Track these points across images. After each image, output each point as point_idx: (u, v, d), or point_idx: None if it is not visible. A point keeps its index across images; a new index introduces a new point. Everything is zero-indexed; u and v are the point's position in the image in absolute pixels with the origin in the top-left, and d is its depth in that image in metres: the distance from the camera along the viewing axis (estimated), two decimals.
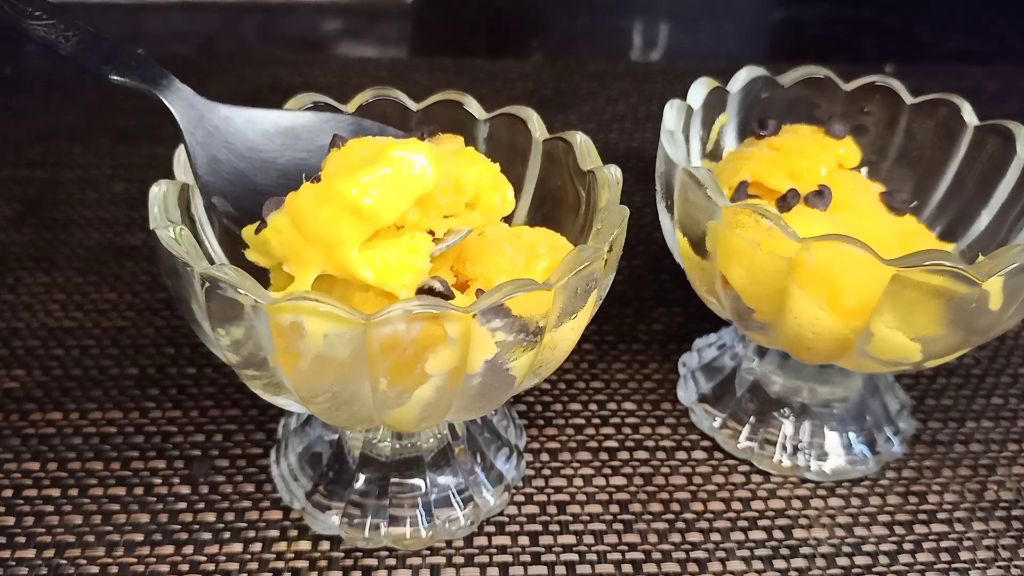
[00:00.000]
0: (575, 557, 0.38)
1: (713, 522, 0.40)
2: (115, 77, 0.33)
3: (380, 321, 0.27)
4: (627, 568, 0.38)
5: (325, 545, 0.38)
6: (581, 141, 0.37)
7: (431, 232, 0.32)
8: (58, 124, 0.67)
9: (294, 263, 0.31)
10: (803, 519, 0.40)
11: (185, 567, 0.37)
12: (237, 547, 0.38)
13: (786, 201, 0.38)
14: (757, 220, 0.34)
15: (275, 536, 0.38)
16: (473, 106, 0.40)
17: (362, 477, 0.39)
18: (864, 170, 0.44)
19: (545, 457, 0.43)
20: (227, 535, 0.38)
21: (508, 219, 0.39)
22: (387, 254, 0.30)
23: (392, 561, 0.38)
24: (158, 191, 0.33)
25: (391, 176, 0.29)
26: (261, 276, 0.35)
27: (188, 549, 0.38)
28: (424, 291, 0.31)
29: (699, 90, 0.43)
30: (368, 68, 0.77)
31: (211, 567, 0.37)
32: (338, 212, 0.29)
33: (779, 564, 0.38)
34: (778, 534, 0.40)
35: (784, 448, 0.43)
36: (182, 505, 0.40)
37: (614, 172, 0.36)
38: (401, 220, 0.30)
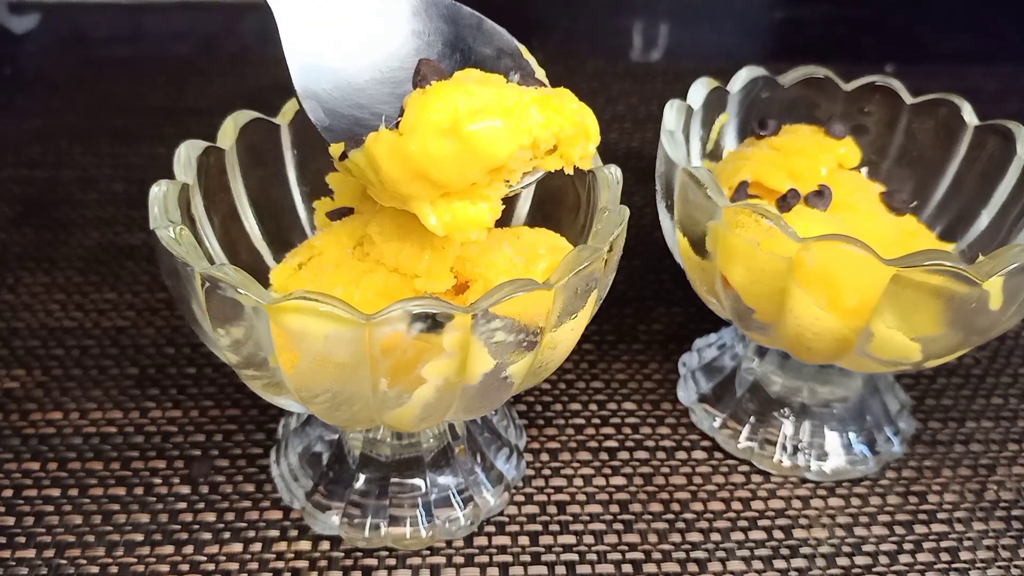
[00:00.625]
0: (575, 557, 0.38)
1: (713, 522, 0.40)
2: None
3: (380, 321, 0.27)
4: (627, 568, 0.38)
5: (325, 545, 0.38)
6: None
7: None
8: (58, 124, 0.67)
9: (372, 193, 0.32)
10: (803, 519, 0.40)
11: (185, 567, 0.37)
12: (237, 547, 0.38)
13: (786, 201, 0.38)
14: (757, 220, 0.34)
15: (275, 536, 0.38)
16: None
17: (362, 477, 0.39)
18: (864, 170, 0.44)
19: (545, 457, 0.43)
20: (227, 535, 0.38)
21: (508, 220, 0.39)
22: (457, 208, 0.30)
23: (392, 561, 0.38)
24: (158, 191, 0.33)
25: (462, 152, 0.29)
26: (261, 276, 0.36)
27: (188, 549, 0.38)
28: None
29: (699, 90, 0.43)
30: None
31: (211, 567, 0.37)
32: (408, 173, 0.29)
33: (779, 564, 0.38)
34: (778, 534, 0.40)
35: (784, 448, 0.43)
36: (182, 505, 0.40)
37: (614, 172, 0.35)
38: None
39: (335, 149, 0.32)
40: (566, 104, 0.31)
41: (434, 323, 0.28)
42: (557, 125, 0.30)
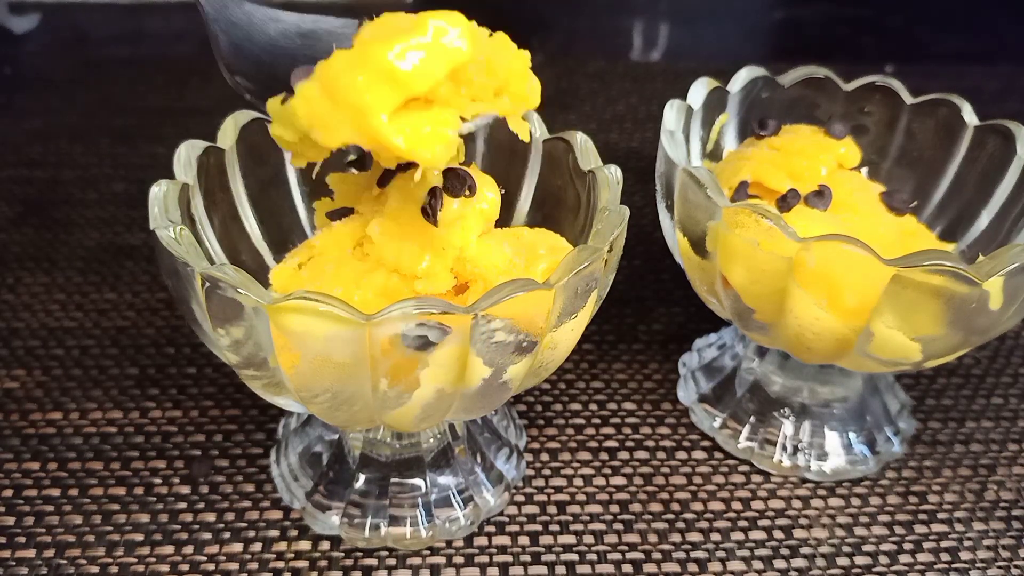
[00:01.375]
0: (575, 557, 0.38)
1: (713, 522, 0.40)
2: None
3: (380, 321, 0.27)
4: (627, 568, 0.38)
5: (325, 545, 0.38)
6: (581, 141, 0.37)
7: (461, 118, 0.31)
8: (58, 124, 0.67)
9: (322, 131, 0.30)
10: (803, 519, 0.40)
11: (185, 567, 0.37)
12: (237, 547, 0.38)
13: (786, 201, 0.38)
14: (757, 220, 0.34)
15: (275, 536, 0.38)
16: None
17: (362, 477, 0.39)
18: (864, 170, 0.44)
19: (545, 457, 0.43)
20: (227, 535, 0.38)
21: (508, 220, 0.39)
22: (418, 122, 0.30)
23: (392, 561, 0.38)
24: (158, 191, 0.33)
25: (427, 43, 0.29)
26: (261, 276, 0.36)
27: (188, 549, 0.38)
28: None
29: (699, 90, 0.43)
30: None
31: (211, 567, 0.37)
32: (371, 77, 0.28)
33: (779, 564, 0.38)
34: (778, 534, 0.40)
35: (784, 448, 0.43)
36: (182, 505, 0.40)
37: (614, 172, 0.36)
38: (432, 92, 0.30)
39: (272, 103, 0.31)
40: (511, 44, 0.32)
41: (426, 342, 0.28)
42: (507, 55, 0.31)
